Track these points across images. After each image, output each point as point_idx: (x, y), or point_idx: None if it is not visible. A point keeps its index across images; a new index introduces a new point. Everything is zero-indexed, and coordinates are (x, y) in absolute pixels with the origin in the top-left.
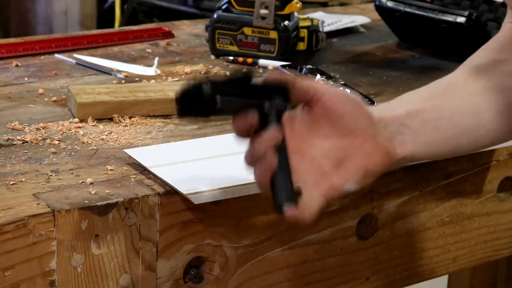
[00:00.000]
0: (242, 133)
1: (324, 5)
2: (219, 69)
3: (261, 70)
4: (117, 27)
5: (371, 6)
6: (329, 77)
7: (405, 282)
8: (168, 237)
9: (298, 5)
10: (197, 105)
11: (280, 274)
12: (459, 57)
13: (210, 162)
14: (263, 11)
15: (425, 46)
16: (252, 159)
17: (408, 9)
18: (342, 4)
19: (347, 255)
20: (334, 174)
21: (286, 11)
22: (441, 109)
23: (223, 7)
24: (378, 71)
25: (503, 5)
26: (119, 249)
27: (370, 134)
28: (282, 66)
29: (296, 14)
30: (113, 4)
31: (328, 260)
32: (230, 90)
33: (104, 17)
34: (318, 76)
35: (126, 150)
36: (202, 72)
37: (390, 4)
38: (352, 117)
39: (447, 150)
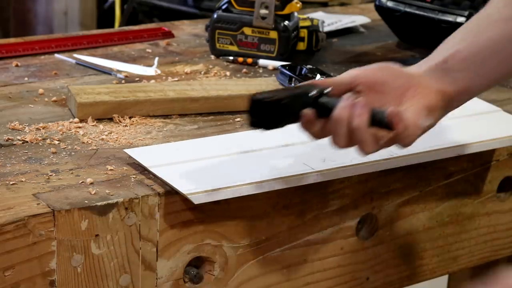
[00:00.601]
0: (316, 134)
1: (324, 5)
2: (219, 69)
3: (261, 70)
4: (117, 27)
5: (371, 6)
6: (328, 77)
7: (405, 282)
8: (168, 237)
9: (298, 5)
10: (271, 116)
11: (280, 274)
12: None
13: (210, 162)
14: (263, 11)
15: (425, 46)
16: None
17: (408, 9)
18: (342, 4)
19: (347, 255)
20: None
21: (286, 11)
22: (477, 43)
23: (223, 7)
24: None
25: None
26: (119, 249)
27: (416, 84)
28: (282, 66)
29: (296, 14)
30: (113, 4)
31: (328, 260)
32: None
33: (104, 17)
34: (318, 76)
35: (126, 150)
36: (202, 72)
37: (390, 4)
38: (392, 78)
39: (499, 76)
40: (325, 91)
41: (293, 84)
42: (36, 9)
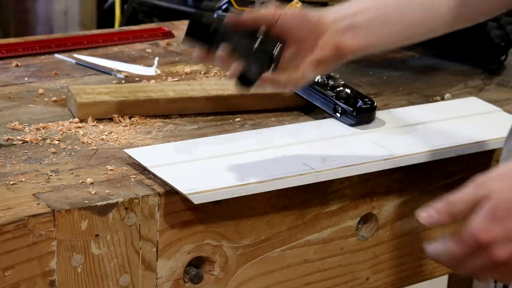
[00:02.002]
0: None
1: (324, 5)
2: (219, 69)
3: None
4: (117, 27)
5: None
6: (329, 77)
7: (405, 282)
8: (168, 237)
9: (298, 5)
10: (202, 32)
11: (280, 274)
12: (459, 57)
13: (210, 162)
14: None
15: (425, 46)
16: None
17: None
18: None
19: (347, 255)
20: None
21: None
22: (388, 5)
23: (223, 7)
24: (378, 71)
25: None
26: (119, 249)
27: (319, 34)
28: None
29: None
30: (113, 4)
31: (328, 260)
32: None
33: (104, 17)
34: (319, 76)
35: (126, 150)
36: (202, 72)
37: None
38: (302, 25)
39: (400, 40)
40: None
41: None
42: (36, 9)
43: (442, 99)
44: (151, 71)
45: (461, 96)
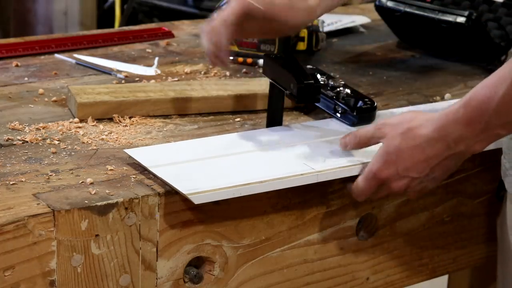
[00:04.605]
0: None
1: None
2: (219, 69)
3: (261, 70)
4: (117, 27)
5: (371, 6)
6: (329, 77)
7: (405, 282)
8: (168, 237)
9: None
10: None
11: (280, 274)
12: (459, 57)
13: (210, 162)
14: None
15: (425, 46)
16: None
17: (408, 9)
18: (342, 4)
19: (347, 255)
20: None
21: None
22: None
23: (223, 7)
24: (378, 71)
25: (503, 5)
26: (119, 249)
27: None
28: None
29: None
30: (113, 4)
31: (328, 260)
32: None
33: (104, 17)
34: (319, 76)
35: (126, 150)
36: (202, 72)
37: (390, 4)
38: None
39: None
40: None
41: None
42: (36, 9)
43: (442, 99)
44: (151, 71)
45: (461, 96)
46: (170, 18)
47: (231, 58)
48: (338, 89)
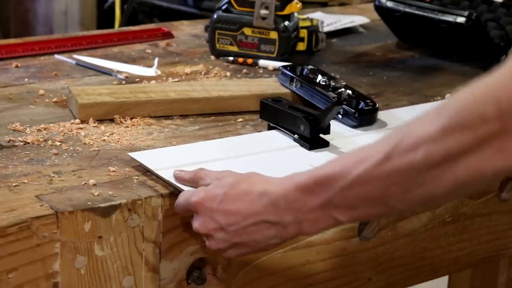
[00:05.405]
0: None
1: (323, 5)
2: (219, 69)
3: (261, 71)
4: (117, 27)
5: (370, 6)
6: (330, 78)
7: (407, 283)
8: (171, 238)
9: (298, 5)
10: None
11: (283, 275)
12: (459, 57)
13: (213, 165)
14: (263, 12)
15: (425, 46)
16: None
17: (407, 9)
18: (341, 4)
19: (349, 256)
20: None
21: (286, 11)
22: None
23: (223, 7)
24: (378, 71)
25: (503, 5)
26: (122, 251)
27: None
28: (283, 66)
29: (296, 14)
30: (113, 4)
31: (330, 261)
32: None
33: (104, 17)
34: (320, 76)
35: (130, 154)
36: (203, 73)
37: (389, 4)
38: None
39: None
40: None
41: (294, 85)
42: (36, 9)
43: (443, 99)
44: (151, 71)
45: None
46: (170, 18)
47: (231, 58)
48: (339, 91)
